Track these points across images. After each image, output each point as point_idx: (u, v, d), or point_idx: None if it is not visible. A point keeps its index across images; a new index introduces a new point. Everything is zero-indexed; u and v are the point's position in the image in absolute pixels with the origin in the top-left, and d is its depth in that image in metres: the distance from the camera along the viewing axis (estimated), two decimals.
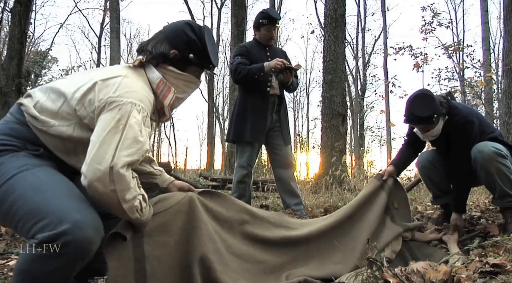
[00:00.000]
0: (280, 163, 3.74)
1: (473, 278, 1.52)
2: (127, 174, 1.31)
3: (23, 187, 1.29)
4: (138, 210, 1.39)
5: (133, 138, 1.33)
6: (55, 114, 1.41)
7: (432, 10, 17.03)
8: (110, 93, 1.37)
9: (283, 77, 3.64)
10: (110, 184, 1.27)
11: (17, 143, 1.38)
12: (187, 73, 1.61)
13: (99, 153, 1.28)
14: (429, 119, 2.58)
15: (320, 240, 2.17)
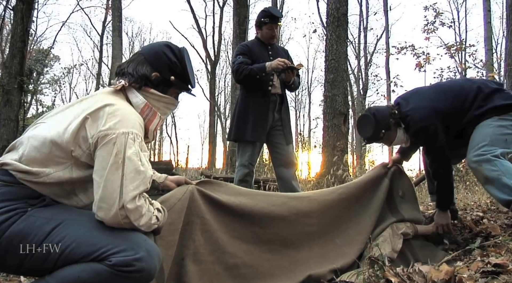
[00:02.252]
0: (282, 162, 3.74)
1: (475, 278, 1.52)
2: (139, 204, 1.33)
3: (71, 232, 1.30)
4: (155, 223, 1.42)
5: (135, 171, 1.33)
6: (46, 162, 1.36)
7: (435, 10, 16.97)
8: (100, 126, 1.34)
9: (285, 76, 3.64)
10: (124, 219, 1.30)
11: (18, 204, 1.32)
12: (167, 95, 1.60)
13: (106, 193, 1.29)
14: (376, 136, 2.65)
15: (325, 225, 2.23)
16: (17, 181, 1.34)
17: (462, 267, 1.72)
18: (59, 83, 28.69)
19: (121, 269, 1.26)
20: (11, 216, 1.28)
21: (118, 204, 1.28)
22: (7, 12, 14.05)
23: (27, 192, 1.34)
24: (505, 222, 3.06)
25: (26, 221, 1.28)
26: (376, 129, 2.61)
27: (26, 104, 18.27)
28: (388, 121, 2.62)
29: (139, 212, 1.33)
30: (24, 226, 1.27)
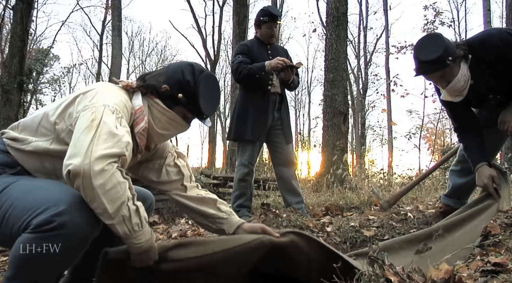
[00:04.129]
0: (282, 161, 3.74)
1: (475, 277, 1.52)
2: (108, 168, 1.22)
3: (11, 196, 1.29)
4: (126, 220, 1.26)
5: (108, 133, 1.27)
6: (34, 131, 1.43)
7: (434, 9, 17.02)
8: (86, 102, 1.37)
9: (284, 76, 3.64)
10: (88, 179, 1.19)
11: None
12: (173, 111, 1.56)
13: (73, 150, 1.23)
14: (441, 61, 2.11)
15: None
16: (5, 149, 1.44)
17: (461, 266, 1.72)
18: (58, 83, 28.72)
19: (42, 229, 1.18)
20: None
21: (83, 159, 1.19)
22: (7, 11, 14.04)
23: (7, 160, 1.42)
24: (505, 221, 3.06)
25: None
26: (445, 53, 2.10)
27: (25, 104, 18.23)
28: (459, 51, 2.15)
29: (107, 177, 1.21)
30: None
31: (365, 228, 2.87)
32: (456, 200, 2.92)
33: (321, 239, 1.87)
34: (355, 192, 5.55)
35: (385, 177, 9.06)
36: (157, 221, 3.76)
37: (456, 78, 2.18)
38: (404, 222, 3.06)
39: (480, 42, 2.22)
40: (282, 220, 2.84)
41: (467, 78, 2.21)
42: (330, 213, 3.73)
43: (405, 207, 3.91)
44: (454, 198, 2.93)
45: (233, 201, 3.75)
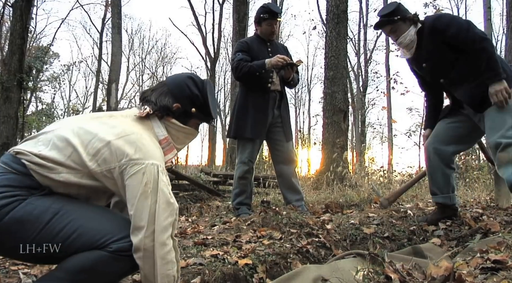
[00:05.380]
0: (282, 159, 3.74)
1: (474, 274, 1.52)
2: (168, 242, 1.37)
3: (73, 222, 1.32)
4: (170, 275, 1.39)
5: (166, 202, 1.37)
6: (61, 163, 1.38)
7: (435, 7, 16.96)
8: (130, 155, 1.37)
9: (284, 73, 3.64)
10: (151, 251, 1.33)
11: (21, 192, 1.34)
12: (188, 125, 1.64)
13: (136, 221, 1.34)
14: (391, 16, 2.79)
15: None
16: (27, 171, 1.37)
17: (461, 263, 1.72)
18: (58, 81, 28.73)
19: (120, 254, 1.32)
20: (11, 201, 1.30)
21: (145, 232, 1.32)
22: (6, 9, 14.01)
23: (32, 183, 1.37)
24: (505, 218, 3.06)
25: (25, 208, 1.31)
26: (396, 11, 2.79)
27: (25, 102, 18.27)
28: (408, 14, 2.80)
29: (164, 248, 1.35)
30: (23, 213, 1.30)
31: (365, 226, 2.87)
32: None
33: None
34: (355, 190, 5.55)
35: (385, 174, 9.06)
36: None
37: (403, 35, 2.80)
38: (404, 219, 3.06)
39: (432, 17, 2.83)
40: (282, 218, 2.84)
41: (414, 39, 2.78)
42: (330, 210, 3.73)
43: (405, 205, 3.92)
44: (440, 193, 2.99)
45: (233, 199, 3.75)
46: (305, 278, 1.87)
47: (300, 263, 2.34)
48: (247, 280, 2.08)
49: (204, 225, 3.24)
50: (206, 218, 3.73)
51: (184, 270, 2.00)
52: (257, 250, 2.31)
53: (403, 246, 2.70)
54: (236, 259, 2.16)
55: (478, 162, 10.76)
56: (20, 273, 1.91)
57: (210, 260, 2.12)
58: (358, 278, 1.61)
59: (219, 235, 2.64)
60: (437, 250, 2.50)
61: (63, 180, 1.38)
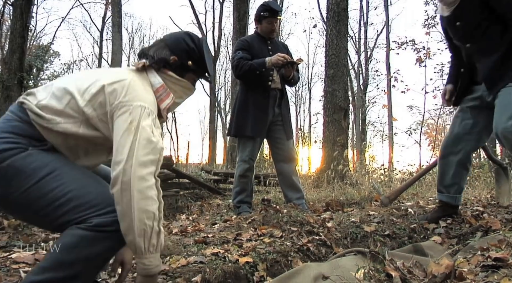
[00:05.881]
0: (282, 157, 3.74)
1: (475, 272, 1.52)
2: (148, 178, 1.35)
3: (64, 185, 1.35)
4: (146, 237, 1.34)
5: (147, 139, 1.38)
6: (60, 112, 1.42)
7: (435, 5, 16.90)
8: (121, 98, 1.42)
9: (285, 71, 3.63)
10: (127, 183, 1.31)
11: (23, 141, 1.39)
12: (184, 79, 1.67)
13: (117, 156, 1.35)
14: None
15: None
16: (29, 120, 1.42)
17: (462, 261, 1.72)
18: None
19: (101, 229, 1.31)
20: (13, 147, 1.35)
21: (124, 165, 1.32)
22: (7, 7, 14.02)
23: (34, 133, 1.41)
24: (505, 216, 3.06)
25: (24, 160, 1.35)
26: None
27: None
28: None
29: (142, 183, 1.33)
30: (21, 164, 1.34)
31: (365, 224, 2.87)
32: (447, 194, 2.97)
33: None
34: (356, 188, 5.55)
35: (386, 172, 9.06)
36: None
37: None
38: (405, 217, 3.06)
39: None
40: (282, 216, 2.84)
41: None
42: (330, 208, 3.73)
43: (405, 203, 3.92)
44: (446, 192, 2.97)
45: (234, 197, 3.75)
46: (306, 276, 1.88)
47: (301, 261, 2.35)
48: (247, 278, 2.08)
49: (205, 223, 3.24)
50: (207, 216, 3.73)
51: (185, 268, 2.00)
52: (258, 248, 2.31)
53: (404, 244, 2.70)
54: (236, 257, 2.17)
55: (479, 160, 10.77)
56: (21, 271, 1.91)
57: (210, 258, 2.13)
58: (359, 276, 1.61)
59: (219, 233, 2.64)
60: (437, 248, 2.50)
61: (62, 130, 1.42)
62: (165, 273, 1.97)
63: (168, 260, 2.12)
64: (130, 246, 1.35)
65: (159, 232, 1.37)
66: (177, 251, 2.24)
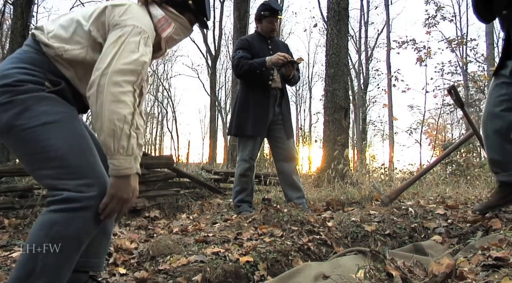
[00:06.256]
0: (282, 156, 3.74)
1: (476, 271, 1.52)
2: (124, 85, 1.38)
3: (55, 141, 1.38)
4: (116, 137, 1.35)
5: (130, 51, 1.42)
6: (67, 40, 1.50)
7: (436, 4, 16.92)
8: (117, 17, 1.49)
9: (285, 71, 3.63)
10: (103, 86, 1.35)
11: (39, 73, 1.45)
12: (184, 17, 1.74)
13: (99, 63, 1.40)
14: None
15: None
16: (43, 51, 1.49)
17: (463, 260, 1.72)
18: None
19: (70, 207, 1.32)
20: (31, 80, 1.41)
21: (103, 70, 1.36)
22: (7, 7, 14.01)
23: (49, 66, 1.48)
24: (506, 216, 3.06)
25: (38, 100, 1.40)
26: None
27: None
28: None
29: (117, 88, 1.36)
30: (34, 103, 1.39)
31: (366, 223, 2.87)
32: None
33: None
34: (356, 187, 5.55)
35: (386, 172, 9.06)
36: (158, 216, 3.77)
37: None
38: (405, 216, 3.06)
39: None
40: (283, 215, 2.84)
41: None
42: (331, 208, 3.73)
43: (406, 202, 3.91)
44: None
45: (234, 196, 3.75)
46: (306, 275, 1.88)
47: (301, 260, 2.35)
48: (248, 277, 2.08)
49: (205, 222, 3.25)
50: (207, 216, 3.73)
51: (185, 267, 2.01)
52: (258, 247, 2.31)
53: (404, 244, 2.70)
54: (237, 256, 2.17)
55: (479, 160, 10.75)
56: None
57: (211, 257, 2.13)
58: (360, 276, 1.61)
59: (220, 233, 2.64)
60: (438, 247, 2.50)
61: (71, 57, 1.48)
62: (166, 273, 1.97)
63: (169, 259, 2.13)
64: (103, 147, 1.38)
65: (129, 136, 1.38)
66: (178, 250, 2.24)
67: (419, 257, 1.95)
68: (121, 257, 2.21)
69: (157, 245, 2.28)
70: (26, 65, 1.44)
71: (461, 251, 2.20)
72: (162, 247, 2.25)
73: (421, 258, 1.92)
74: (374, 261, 1.69)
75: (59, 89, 1.46)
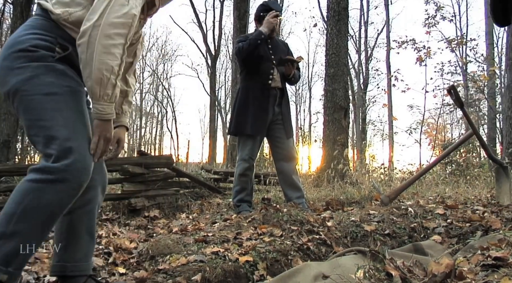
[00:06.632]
0: (282, 156, 3.74)
1: (475, 271, 1.52)
2: (115, 37, 1.42)
3: (53, 112, 1.43)
4: (102, 85, 1.43)
5: (120, 4, 1.45)
6: (68, 3, 1.54)
7: (436, 4, 16.91)
8: None
9: (285, 70, 3.63)
10: (94, 37, 1.40)
11: (51, 37, 1.50)
12: None
13: (90, 15, 1.44)
14: None
15: None
16: (51, 17, 1.53)
17: (462, 260, 1.72)
18: None
19: (44, 179, 1.37)
20: (44, 46, 1.47)
21: (95, 22, 1.40)
22: (7, 6, 14.00)
23: (58, 30, 1.53)
24: (505, 216, 3.06)
25: (48, 70, 1.46)
26: None
27: None
28: None
29: (108, 40, 1.41)
30: (43, 72, 1.45)
31: (365, 223, 2.87)
32: None
33: None
34: (356, 187, 5.55)
35: (386, 172, 9.06)
36: (157, 215, 3.77)
37: None
38: (405, 216, 3.06)
39: None
40: (282, 215, 2.84)
41: None
42: (330, 207, 3.73)
43: (405, 202, 3.92)
44: None
45: (234, 196, 3.75)
46: (306, 275, 1.88)
47: (301, 260, 2.35)
48: (247, 277, 2.08)
49: (205, 222, 3.24)
50: (207, 215, 3.73)
51: (185, 267, 2.01)
52: (258, 247, 2.31)
53: (404, 243, 2.70)
54: (237, 256, 2.17)
55: (479, 159, 10.76)
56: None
57: (211, 257, 2.13)
58: (359, 275, 1.61)
59: (219, 232, 2.64)
60: (438, 247, 2.50)
61: (75, 19, 1.51)
62: (165, 272, 1.97)
63: (168, 259, 2.13)
64: (89, 92, 1.46)
65: (115, 85, 1.47)
66: (177, 250, 2.24)
67: (418, 257, 1.95)
68: (120, 256, 2.21)
69: (157, 245, 2.28)
70: (38, 31, 1.50)
71: (461, 251, 2.20)
72: (162, 247, 2.25)
73: (420, 258, 1.92)
74: (374, 261, 1.69)
75: (68, 53, 1.52)
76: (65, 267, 1.60)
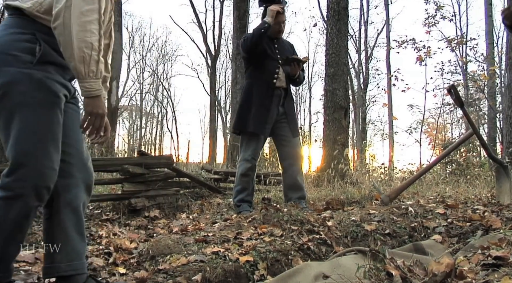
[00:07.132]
0: (289, 154, 3.72)
1: (476, 271, 1.52)
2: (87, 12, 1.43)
3: (25, 121, 1.46)
4: (86, 63, 1.44)
5: None
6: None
7: (436, 3, 16.88)
8: None
9: (290, 70, 3.63)
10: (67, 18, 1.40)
11: (29, 35, 1.50)
12: None
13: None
14: None
15: None
16: (25, 13, 1.52)
17: (462, 259, 1.72)
18: None
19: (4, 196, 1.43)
20: (24, 48, 1.47)
21: (66, 2, 1.41)
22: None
23: (34, 24, 1.52)
24: (506, 215, 3.06)
25: (20, 76, 1.45)
26: None
27: None
28: None
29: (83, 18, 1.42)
30: (17, 80, 1.45)
31: (366, 222, 2.87)
32: None
33: None
34: (356, 187, 5.55)
35: (386, 171, 9.05)
36: (158, 215, 3.77)
37: None
38: (405, 216, 3.06)
39: None
40: (283, 215, 2.84)
41: None
42: (331, 207, 3.73)
43: (406, 201, 3.91)
44: None
45: (235, 196, 3.75)
46: (306, 275, 1.87)
47: (301, 260, 2.35)
48: (248, 277, 2.08)
49: (205, 222, 3.24)
50: (207, 215, 3.73)
51: (185, 267, 2.01)
52: (258, 247, 2.31)
53: (404, 243, 2.70)
54: (237, 256, 2.17)
55: (479, 159, 10.76)
56: (21, 270, 1.91)
57: (211, 257, 2.13)
58: (359, 275, 1.61)
59: (220, 232, 2.64)
60: (438, 246, 2.50)
61: (48, 7, 1.50)
62: (166, 272, 1.97)
63: (169, 259, 2.13)
64: (74, 72, 1.47)
65: (98, 61, 1.48)
66: (178, 250, 2.24)
67: (419, 257, 1.95)
68: (120, 256, 2.21)
69: (157, 245, 2.28)
70: (15, 29, 1.50)
71: (461, 250, 2.20)
72: (162, 247, 2.25)
73: (421, 258, 1.92)
74: (374, 260, 1.69)
75: (43, 52, 1.50)
76: (59, 267, 1.60)
